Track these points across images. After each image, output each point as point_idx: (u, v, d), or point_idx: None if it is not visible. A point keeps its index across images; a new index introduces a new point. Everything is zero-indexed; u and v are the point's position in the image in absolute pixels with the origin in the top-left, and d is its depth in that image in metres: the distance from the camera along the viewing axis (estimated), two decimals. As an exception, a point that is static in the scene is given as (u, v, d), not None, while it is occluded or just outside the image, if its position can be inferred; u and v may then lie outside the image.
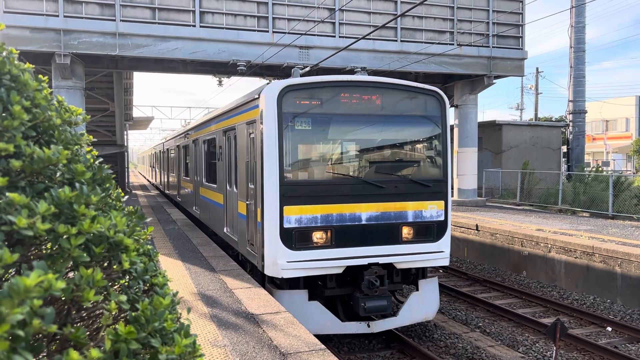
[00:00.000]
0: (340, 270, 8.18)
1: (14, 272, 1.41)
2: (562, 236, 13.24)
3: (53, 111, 1.62)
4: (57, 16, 14.89)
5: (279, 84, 8.14)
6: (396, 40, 18.44)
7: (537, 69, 44.94)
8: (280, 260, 7.93)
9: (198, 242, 12.21)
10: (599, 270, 11.83)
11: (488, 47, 19.76)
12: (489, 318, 10.85)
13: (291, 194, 7.96)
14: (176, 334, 1.42)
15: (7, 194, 1.23)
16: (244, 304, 7.10)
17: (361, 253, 8.25)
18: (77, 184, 1.48)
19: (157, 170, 33.58)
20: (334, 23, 17.61)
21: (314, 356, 5.29)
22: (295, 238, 8.00)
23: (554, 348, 7.89)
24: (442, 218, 8.82)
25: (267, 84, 8.51)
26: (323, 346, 5.57)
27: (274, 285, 8.56)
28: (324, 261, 8.06)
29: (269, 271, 8.08)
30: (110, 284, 1.50)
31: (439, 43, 18.81)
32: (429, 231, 8.73)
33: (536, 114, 42.80)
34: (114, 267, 1.51)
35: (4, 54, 1.64)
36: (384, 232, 8.40)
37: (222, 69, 18.44)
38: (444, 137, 9.01)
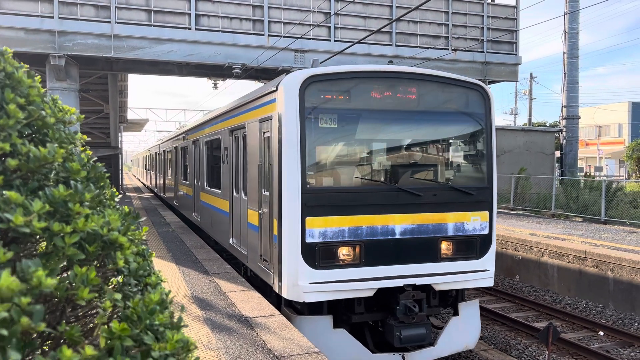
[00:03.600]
0: (371, 293, 7.06)
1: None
2: (555, 241, 13.30)
3: (48, 109, 1.63)
4: (52, 17, 14.86)
5: (301, 74, 7.03)
6: (391, 45, 18.51)
7: (531, 74, 45.21)
8: (301, 282, 6.81)
9: (192, 244, 12.19)
10: (592, 274, 11.89)
11: (482, 52, 19.88)
12: (482, 322, 10.89)
13: (314, 203, 6.86)
14: (168, 331, 1.43)
15: (5, 192, 1.24)
16: (238, 306, 7.10)
17: (395, 272, 7.15)
18: (71, 183, 1.49)
19: (152, 173, 32.24)
20: (329, 27, 17.66)
21: (307, 359, 5.29)
22: (319, 255, 6.88)
23: (547, 352, 7.93)
24: (486, 231, 7.70)
25: (286, 74, 7.40)
26: (317, 349, 5.58)
27: (292, 309, 7.41)
28: (352, 282, 6.95)
29: (288, 294, 6.94)
30: (104, 282, 1.51)
31: (433, 48, 18.89)
32: (471, 247, 7.64)
33: (530, 119, 43.04)
34: (109, 266, 1.52)
35: (-2, 52, 1.65)
36: (421, 248, 7.31)
37: (218, 71, 18.45)
38: (488, 137, 7.87)
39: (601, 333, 10.15)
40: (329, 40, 17.66)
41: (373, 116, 7.50)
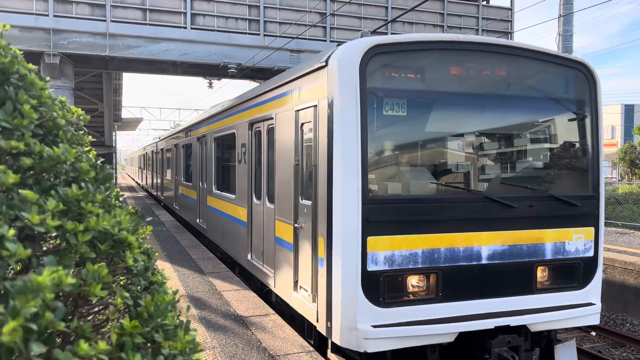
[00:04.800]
0: (451, 339, 5.39)
1: (15, 268, 1.44)
2: (548, 242, 13.40)
3: (58, 110, 1.66)
4: (47, 15, 14.82)
5: (362, 43, 5.32)
6: (386, 46, 18.56)
7: (524, 76, 45.37)
8: (362, 324, 5.12)
9: (186, 244, 12.20)
10: (584, 275, 12.00)
11: (477, 53, 19.97)
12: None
13: (379, 217, 5.22)
14: (179, 330, 1.47)
15: (21, 191, 1.27)
16: (233, 306, 7.13)
17: (482, 310, 5.54)
18: (82, 183, 1.53)
19: (148, 173, 30.78)
20: (325, 27, 17.70)
21: (303, 358, 5.32)
22: (385, 287, 5.25)
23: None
24: (591, 253, 6.07)
25: (339, 44, 5.72)
26: (312, 348, 5.62)
27: (342, 355, 5.71)
28: (427, 325, 5.29)
29: (342, 339, 5.23)
30: (113, 280, 1.55)
31: (428, 49, 18.96)
32: (572, 273, 6.03)
33: (523, 121, 43.18)
34: (117, 264, 1.55)
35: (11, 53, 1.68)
36: (513, 276, 5.71)
37: (213, 71, 18.45)
38: (594, 131, 6.20)
39: (593, 333, 10.25)
40: (325, 41, 17.69)
41: (452, 102, 5.84)
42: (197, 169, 13.53)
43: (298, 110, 6.32)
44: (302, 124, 6.22)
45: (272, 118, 7.38)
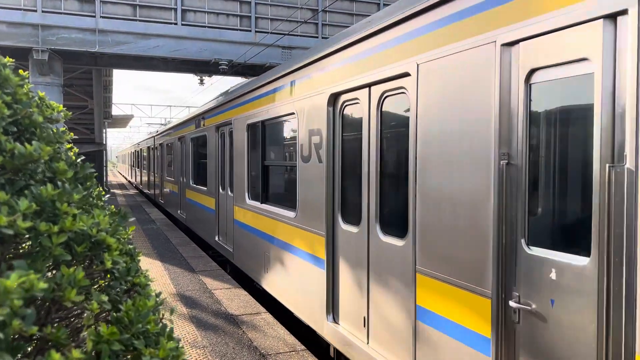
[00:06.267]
0: None
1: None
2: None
3: (35, 107, 1.60)
4: (35, 11, 14.67)
5: None
6: (378, 43, 18.53)
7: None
8: None
9: (177, 242, 12.13)
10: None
11: (469, 51, 19.99)
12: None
13: None
14: (161, 337, 1.41)
15: (-12, 191, 1.21)
16: (224, 304, 7.07)
17: None
18: (59, 183, 1.47)
19: (143, 172, 28.89)
20: (317, 24, 17.65)
21: (294, 357, 5.29)
22: None
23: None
24: None
25: None
26: (303, 346, 5.58)
27: None
28: None
29: None
30: (90, 283, 1.49)
31: (420, 46, 18.94)
32: None
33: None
34: (95, 267, 1.50)
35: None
36: None
37: (204, 67, 18.35)
38: None
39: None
40: (317, 37, 17.64)
41: None
42: (216, 169, 10.58)
43: (512, 44, 3.04)
44: (532, 72, 2.92)
45: (403, 75, 4.09)
